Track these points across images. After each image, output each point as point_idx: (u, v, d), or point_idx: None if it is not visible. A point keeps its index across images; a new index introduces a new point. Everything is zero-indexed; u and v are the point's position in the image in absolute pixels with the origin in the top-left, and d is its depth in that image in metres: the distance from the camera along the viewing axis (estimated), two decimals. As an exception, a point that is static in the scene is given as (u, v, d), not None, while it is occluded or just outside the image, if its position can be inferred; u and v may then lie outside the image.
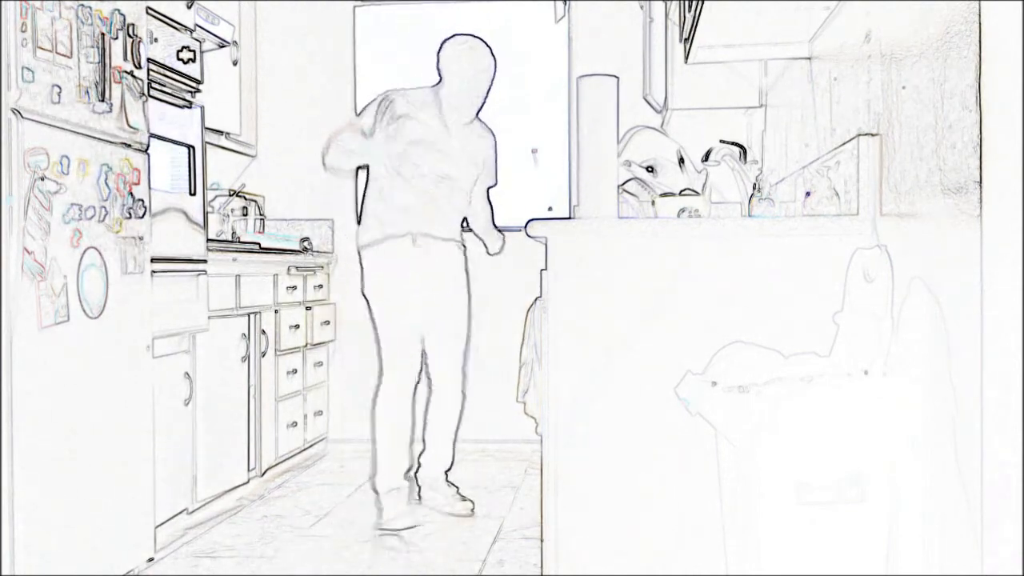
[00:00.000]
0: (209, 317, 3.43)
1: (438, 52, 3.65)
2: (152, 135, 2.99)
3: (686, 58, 3.03)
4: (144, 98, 2.90)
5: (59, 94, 2.47)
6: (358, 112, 3.71)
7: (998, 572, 1.46)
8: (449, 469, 3.68)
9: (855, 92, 2.28)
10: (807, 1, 2.44)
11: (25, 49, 2.35)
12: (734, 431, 1.82)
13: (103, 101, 2.67)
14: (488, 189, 3.77)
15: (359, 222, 3.64)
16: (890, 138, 1.96)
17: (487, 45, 3.67)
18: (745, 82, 3.56)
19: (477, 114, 3.68)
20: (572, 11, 4.89)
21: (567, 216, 4.60)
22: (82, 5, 2.56)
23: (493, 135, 3.74)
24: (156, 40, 3.16)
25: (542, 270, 2.20)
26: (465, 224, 3.71)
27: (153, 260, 2.94)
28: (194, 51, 3.42)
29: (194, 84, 3.45)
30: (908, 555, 1.77)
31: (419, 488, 3.67)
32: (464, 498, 3.62)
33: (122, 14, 2.77)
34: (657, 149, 3.09)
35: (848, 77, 2.36)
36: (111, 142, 2.72)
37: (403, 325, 3.54)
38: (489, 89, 3.67)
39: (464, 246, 3.66)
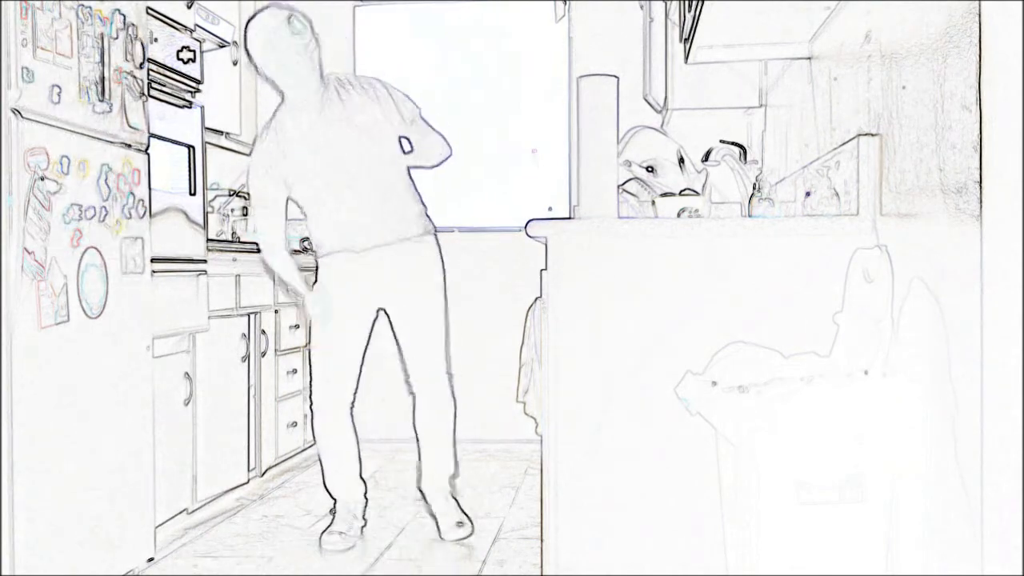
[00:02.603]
0: (209, 317, 3.43)
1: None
2: (152, 135, 2.99)
3: (686, 58, 3.03)
4: (144, 98, 2.90)
5: (59, 94, 2.47)
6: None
7: (998, 572, 1.46)
8: (454, 476, 3.36)
9: (855, 92, 2.28)
10: (807, 1, 2.44)
11: (25, 49, 2.35)
12: (734, 431, 1.82)
13: (103, 101, 2.67)
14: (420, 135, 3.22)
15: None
16: (890, 138, 1.96)
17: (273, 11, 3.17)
18: (745, 82, 3.56)
19: (323, 81, 3.20)
20: (572, 11, 4.89)
21: (567, 216, 4.60)
22: (82, 5, 2.56)
23: (362, 85, 3.21)
24: (156, 40, 3.16)
25: (542, 270, 2.20)
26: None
27: (153, 260, 2.94)
28: (194, 51, 3.42)
29: (194, 84, 3.45)
30: (908, 555, 1.77)
31: (424, 498, 3.35)
32: (462, 522, 3.28)
33: (122, 14, 2.77)
34: (657, 149, 3.09)
35: (848, 77, 2.36)
36: (111, 142, 2.72)
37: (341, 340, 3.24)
38: (306, 46, 3.18)
39: (423, 240, 3.23)
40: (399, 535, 3.32)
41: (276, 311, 4.13)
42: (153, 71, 3.10)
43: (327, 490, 3.31)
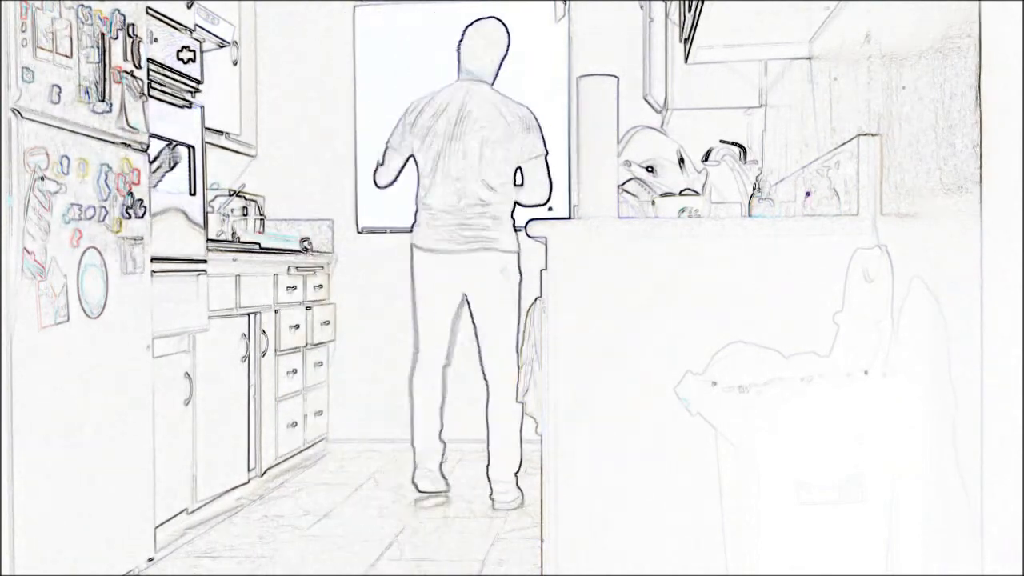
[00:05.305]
0: (209, 317, 3.43)
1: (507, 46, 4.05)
2: (152, 135, 2.99)
3: (686, 58, 3.03)
4: (144, 98, 2.90)
5: (59, 94, 2.47)
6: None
7: (998, 572, 1.46)
8: (518, 470, 3.76)
9: (855, 92, 2.28)
10: (807, 1, 2.43)
11: (25, 49, 2.35)
12: (734, 431, 1.82)
13: (103, 101, 2.67)
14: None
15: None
16: (890, 138, 1.96)
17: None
18: (745, 82, 3.56)
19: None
20: (572, 11, 4.88)
21: (567, 216, 4.60)
22: (82, 5, 2.56)
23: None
24: (156, 40, 3.16)
25: (542, 270, 2.20)
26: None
27: (153, 260, 2.94)
28: (194, 51, 3.42)
29: (194, 84, 3.45)
30: (908, 555, 1.77)
31: (491, 488, 3.76)
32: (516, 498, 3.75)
33: (122, 14, 2.77)
34: (657, 149, 3.09)
35: (848, 77, 2.36)
36: (111, 142, 2.72)
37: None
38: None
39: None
40: (399, 535, 3.33)
41: (276, 311, 4.13)
42: (153, 71, 3.10)
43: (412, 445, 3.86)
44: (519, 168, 3.80)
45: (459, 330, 3.86)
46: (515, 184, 3.81)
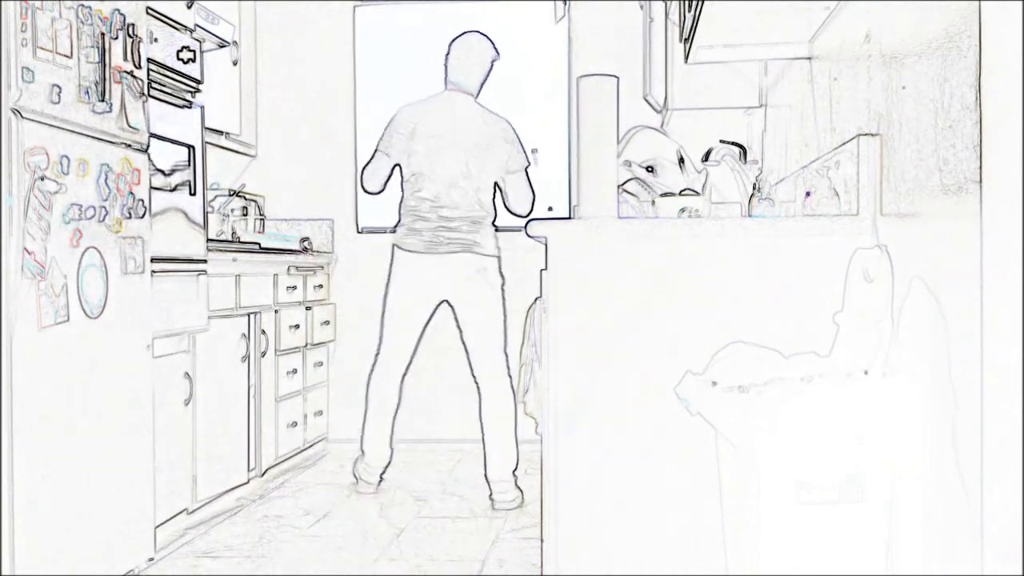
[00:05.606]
0: (209, 317, 3.43)
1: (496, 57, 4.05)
2: (152, 135, 2.99)
3: (686, 58, 3.03)
4: (144, 98, 2.90)
5: (59, 94, 2.47)
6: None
7: (998, 572, 1.46)
8: (516, 469, 3.77)
9: (855, 92, 2.28)
10: (807, 1, 2.43)
11: (25, 49, 2.35)
12: (734, 431, 1.82)
13: (103, 101, 2.67)
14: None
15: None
16: (890, 138, 1.96)
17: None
18: (745, 82, 3.55)
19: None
20: (572, 11, 4.88)
21: (567, 216, 4.60)
22: (82, 5, 2.56)
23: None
24: (156, 40, 3.16)
25: (542, 270, 2.20)
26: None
27: (153, 260, 2.94)
28: (194, 51, 3.42)
29: (194, 84, 3.45)
30: (908, 555, 1.77)
31: (490, 489, 3.76)
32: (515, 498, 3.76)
33: (122, 14, 2.77)
34: (657, 149, 3.09)
35: (848, 77, 2.36)
36: (111, 142, 2.72)
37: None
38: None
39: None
40: (399, 535, 3.33)
41: (276, 311, 4.13)
42: (153, 71, 3.10)
43: (360, 448, 3.94)
44: (498, 181, 3.89)
45: (423, 340, 3.89)
46: (494, 196, 3.89)
